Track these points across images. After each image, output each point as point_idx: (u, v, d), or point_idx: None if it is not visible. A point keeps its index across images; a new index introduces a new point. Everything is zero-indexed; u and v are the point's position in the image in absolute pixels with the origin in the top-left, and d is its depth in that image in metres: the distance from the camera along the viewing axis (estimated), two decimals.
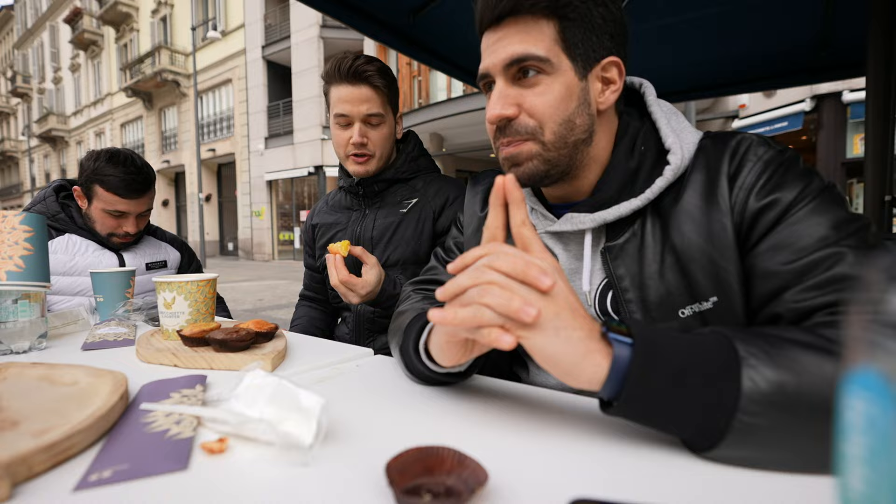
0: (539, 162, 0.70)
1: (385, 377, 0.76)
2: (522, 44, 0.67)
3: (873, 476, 0.20)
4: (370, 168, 1.31)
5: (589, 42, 0.68)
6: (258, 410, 0.52)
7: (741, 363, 0.44)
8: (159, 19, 22.92)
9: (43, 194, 1.60)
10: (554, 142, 0.69)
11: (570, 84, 0.68)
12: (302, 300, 1.63)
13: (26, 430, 0.49)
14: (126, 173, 1.48)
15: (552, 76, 0.68)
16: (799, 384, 0.43)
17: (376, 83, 1.26)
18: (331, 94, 1.29)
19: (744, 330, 0.49)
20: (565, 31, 0.67)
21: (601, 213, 0.70)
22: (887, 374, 0.19)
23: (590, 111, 0.70)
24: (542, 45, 0.67)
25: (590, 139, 0.71)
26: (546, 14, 0.66)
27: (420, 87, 13.41)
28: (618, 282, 0.69)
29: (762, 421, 0.43)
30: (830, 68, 2.85)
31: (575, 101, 0.69)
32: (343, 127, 1.29)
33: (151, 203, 1.61)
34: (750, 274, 0.63)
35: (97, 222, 1.54)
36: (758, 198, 0.63)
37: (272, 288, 9.49)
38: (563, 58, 0.67)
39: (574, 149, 0.71)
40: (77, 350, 0.95)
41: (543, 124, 0.69)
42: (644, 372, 0.45)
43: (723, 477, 0.43)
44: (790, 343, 0.46)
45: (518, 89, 0.69)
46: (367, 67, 1.24)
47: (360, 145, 1.27)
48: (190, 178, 21.91)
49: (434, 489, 0.40)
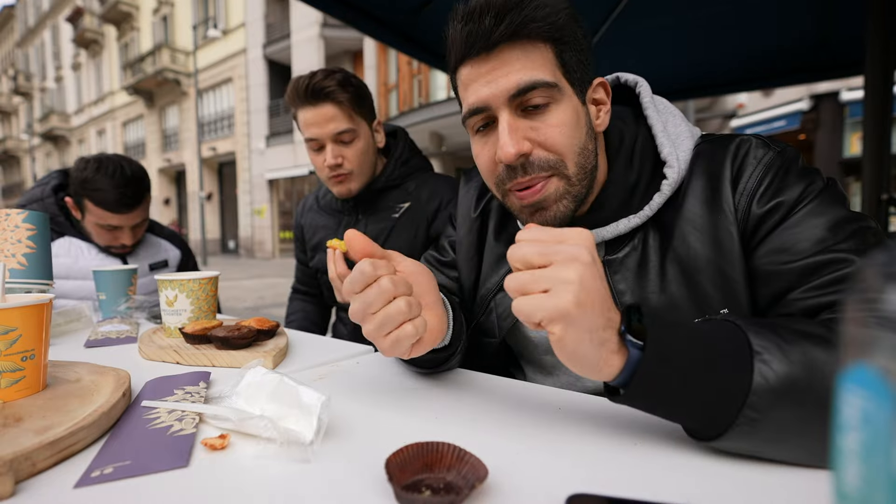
0: (568, 201, 0.66)
1: (385, 374, 0.76)
2: (527, 70, 0.61)
3: (868, 471, 0.20)
4: (352, 187, 1.27)
5: (581, 65, 0.65)
6: (259, 407, 0.52)
7: (754, 357, 0.43)
8: (160, 18, 22.93)
9: (41, 193, 1.52)
10: (577, 173, 0.65)
11: (577, 109, 0.65)
12: (295, 293, 1.62)
13: (29, 426, 0.49)
14: (116, 187, 1.39)
15: (562, 103, 0.63)
16: (810, 380, 0.43)
17: (339, 98, 1.18)
18: (298, 119, 1.24)
19: (757, 321, 0.48)
20: (563, 55, 0.63)
21: (599, 231, 0.69)
22: (884, 370, 0.19)
23: (594, 135, 0.68)
24: (547, 70, 0.61)
25: (598, 161, 0.69)
26: (544, 38, 0.61)
27: (420, 85, 13.39)
28: (619, 297, 0.68)
29: (769, 415, 0.42)
30: (828, 67, 2.86)
31: (584, 126, 0.65)
32: (316, 151, 1.24)
33: (146, 213, 1.54)
34: (752, 277, 0.63)
35: (93, 234, 1.49)
36: (760, 204, 0.62)
37: (273, 286, 9.49)
38: (565, 83, 0.63)
39: (591, 176, 0.67)
40: (80, 347, 0.96)
41: (565, 157, 0.63)
42: (654, 367, 0.45)
43: (721, 473, 0.44)
44: (804, 336, 0.45)
45: (528, 121, 0.63)
46: (325, 83, 1.17)
47: (335, 167, 1.22)
48: (191, 177, 21.92)
49: (434, 485, 0.40)
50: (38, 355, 0.59)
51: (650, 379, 0.45)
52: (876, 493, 0.20)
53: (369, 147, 1.28)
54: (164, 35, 22.64)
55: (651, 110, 0.72)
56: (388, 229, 1.30)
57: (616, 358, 0.46)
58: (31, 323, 0.58)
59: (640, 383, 0.45)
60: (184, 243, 1.81)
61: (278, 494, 0.41)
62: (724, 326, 0.47)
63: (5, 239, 0.93)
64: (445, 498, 0.37)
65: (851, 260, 0.55)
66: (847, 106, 9.76)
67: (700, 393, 0.44)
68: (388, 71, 14.53)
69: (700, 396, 0.44)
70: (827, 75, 3.00)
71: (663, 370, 0.44)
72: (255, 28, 18.73)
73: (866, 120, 2.26)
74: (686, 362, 0.45)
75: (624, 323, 0.46)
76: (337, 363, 0.83)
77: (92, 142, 29.08)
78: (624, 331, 0.46)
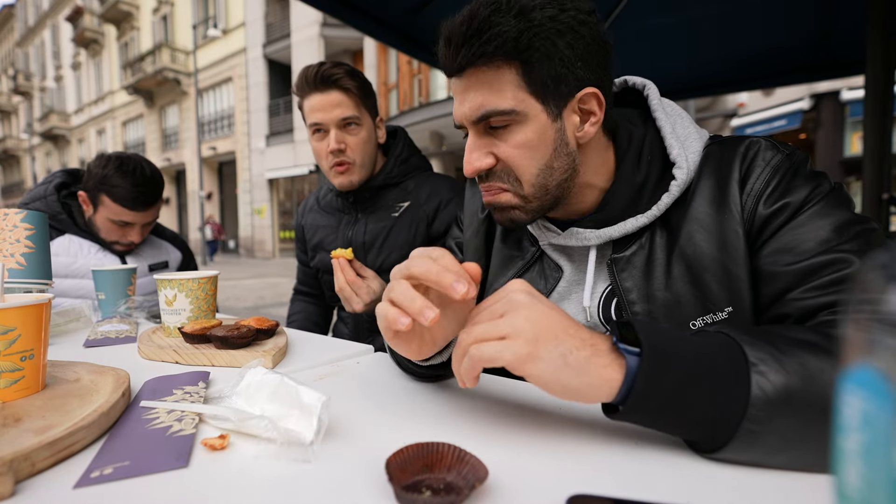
0: (520, 212, 0.69)
1: (385, 374, 0.76)
2: (485, 98, 0.64)
3: (869, 473, 0.20)
4: (353, 178, 1.26)
5: (558, 79, 0.63)
6: (259, 407, 0.52)
7: (750, 369, 0.43)
8: (160, 17, 22.91)
9: (43, 191, 1.52)
10: (533, 193, 0.67)
11: (543, 129, 0.65)
12: (297, 294, 1.62)
13: (29, 426, 0.49)
14: (135, 185, 1.44)
15: (523, 125, 0.64)
16: (808, 389, 0.43)
17: (346, 85, 1.21)
18: (304, 106, 1.25)
19: (751, 331, 0.48)
20: (530, 75, 0.62)
21: (607, 231, 0.69)
22: (884, 371, 0.19)
23: (568, 150, 0.67)
24: (506, 96, 0.63)
25: (574, 173, 0.69)
26: (508, 59, 0.62)
27: (420, 85, 13.40)
28: (625, 294, 0.68)
29: (769, 427, 0.42)
30: (829, 67, 2.86)
31: (551, 145, 0.65)
32: (320, 137, 1.25)
33: (158, 213, 1.57)
34: (756, 277, 0.63)
35: (101, 230, 1.50)
36: (766, 205, 0.62)
37: (273, 286, 9.49)
38: (531, 102, 0.63)
39: (558, 189, 0.68)
40: (79, 347, 0.96)
41: (521, 176, 0.67)
42: (650, 382, 0.44)
43: (721, 473, 0.44)
44: (799, 345, 0.45)
45: (491, 138, 0.67)
46: (334, 71, 1.20)
47: (337, 152, 1.22)
48: (191, 176, 21.91)
49: (434, 485, 0.40)
50: (37, 355, 0.59)
51: (648, 393, 0.44)
52: (877, 494, 0.20)
53: (371, 139, 1.28)
54: (164, 34, 22.62)
55: (660, 112, 0.72)
56: (388, 228, 1.29)
57: (611, 371, 0.46)
58: (30, 323, 0.58)
59: (638, 398, 0.45)
60: (185, 245, 1.81)
61: (278, 494, 0.41)
62: (718, 339, 0.47)
63: (4, 239, 0.93)
64: (446, 498, 0.37)
65: (852, 261, 0.55)
66: (848, 105, 9.76)
67: (698, 407, 0.44)
68: (388, 70, 14.53)
69: (698, 411, 0.44)
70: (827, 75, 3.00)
71: (661, 382, 0.44)
72: (255, 27, 18.72)
73: (867, 119, 2.26)
74: (683, 376, 0.45)
75: (616, 335, 0.47)
76: (337, 363, 0.83)
77: (92, 141, 29.06)
78: (616, 341, 0.47)
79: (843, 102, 9.83)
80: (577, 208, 0.74)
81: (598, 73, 0.65)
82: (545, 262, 0.78)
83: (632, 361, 0.45)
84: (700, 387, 0.44)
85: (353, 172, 1.26)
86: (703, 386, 0.44)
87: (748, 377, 0.43)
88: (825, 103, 10.07)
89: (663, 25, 2.34)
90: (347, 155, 1.24)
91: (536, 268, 0.78)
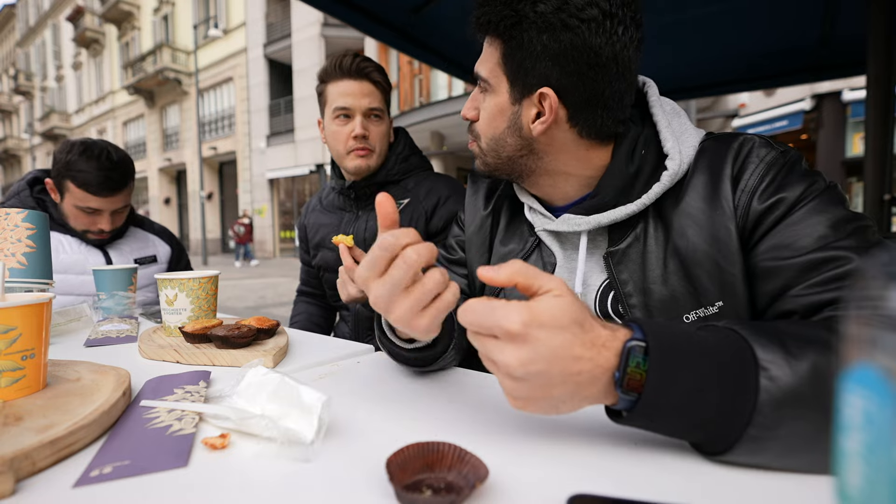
0: (480, 163, 0.79)
1: (386, 374, 0.76)
2: (481, 60, 0.73)
3: (870, 472, 0.20)
4: (371, 163, 1.31)
5: (525, 69, 0.68)
6: (260, 406, 0.52)
7: (759, 373, 0.42)
8: (161, 17, 22.92)
9: (17, 188, 1.49)
10: (488, 151, 0.76)
11: (501, 106, 0.72)
12: (300, 296, 1.63)
13: (30, 425, 0.49)
14: (99, 169, 1.38)
15: (490, 94, 0.73)
16: (817, 393, 0.41)
17: (377, 79, 1.29)
18: (329, 91, 1.30)
19: (762, 329, 0.46)
20: (508, 55, 0.69)
21: (596, 217, 0.71)
22: (885, 370, 0.19)
23: (522, 134, 0.71)
24: (487, 65, 0.72)
25: (533, 156, 0.73)
26: (496, 34, 0.69)
27: (421, 85, 13.40)
28: (621, 286, 0.69)
29: (775, 432, 0.42)
30: (831, 67, 2.85)
31: (505, 121, 0.72)
32: (343, 122, 1.29)
33: (128, 199, 1.52)
34: (752, 274, 0.63)
35: (70, 218, 1.46)
36: (760, 200, 0.62)
37: (274, 285, 9.49)
38: (502, 79, 0.71)
39: (510, 161, 0.75)
40: (80, 346, 0.96)
41: (482, 135, 0.76)
42: (658, 390, 0.43)
43: (721, 473, 0.44)
44: (809, 344, 0.44)
45: (482, 96, 0.75)
46: (367, 64, 1.28)
47: (362, 137, 1.28)
48: (192, 176, 21.92)
49: (434, 485, 0.40)
50: (38, 354, 0.59)
51: (653, 407, 0.44)
52: (878, 494, 0.20)
53: (388, 133, 1.36)
54: (164, 34, 22.63)
55: (657, 108, 0.73)
56: None
57: (611, 398, 0.45)
58: (31, 322, 0.58)
59: (642, 410, 0.44)
60: (175, 240, 1.77)
61: (278, 494, 0.41)
62: (728, 338, 0.46)
63: (5, 238, 0.93)
64: (446, 498, 0.37)
65: (852, 258, 0.55)
66: (849, 106, 9.75)
67: (704, 412, 0.43)
68: (388, 71, 14.45)
69: (704, 415, 0.44)
70: (829, 75, 2.99)
71: (666, 399, 0.43)
72: (255, 27, 18.73)
73: (868, 120, 2.25)
74: (690, 385, 0.43)
75: (619, 370, 0.43)
76: (338, 363, 0.83)
77: None
78: (619, 377, 0.43)
79: (844, 103, 9.82)
80: (561, 193, 0.77)
81: (569, 79, 0.66)
82: (543, 250, 0.80)
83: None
84: (707, 391, 0.43)
85: (372, 158, 1.32)
86: (709, 390, 0.43)
87: (756, 381, 0.42)
88: (827, 104, 10.06)
89: (664, 26, 2.34)
90: (370, 142, 1.30)
91: (535, 255, 0.81)
